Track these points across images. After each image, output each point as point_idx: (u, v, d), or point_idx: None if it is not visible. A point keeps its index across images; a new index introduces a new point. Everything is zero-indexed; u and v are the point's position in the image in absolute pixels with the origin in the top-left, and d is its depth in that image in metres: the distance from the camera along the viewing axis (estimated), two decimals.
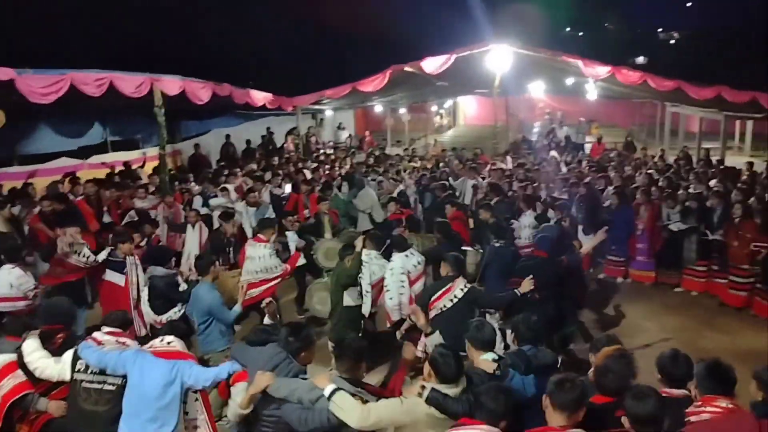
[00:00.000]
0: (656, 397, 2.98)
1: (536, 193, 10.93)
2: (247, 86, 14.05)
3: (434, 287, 5.90)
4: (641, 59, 36.22)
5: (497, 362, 3.92)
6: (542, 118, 27.66)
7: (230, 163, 14.73)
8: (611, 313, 8.76)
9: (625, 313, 8.75)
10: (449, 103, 31.46)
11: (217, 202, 10.20)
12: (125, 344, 4.40)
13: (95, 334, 4.46)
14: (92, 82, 9.03)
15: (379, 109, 24.44)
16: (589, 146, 21.36)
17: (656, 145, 22.46)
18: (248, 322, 7.58)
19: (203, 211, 9.85)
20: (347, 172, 13.20)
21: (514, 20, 24.49)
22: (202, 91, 11.41)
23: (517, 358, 3.96)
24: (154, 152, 13.59)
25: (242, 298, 6.04)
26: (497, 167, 13.55)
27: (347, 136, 22.34)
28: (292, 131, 18.34)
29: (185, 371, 4.09)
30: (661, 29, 44.77)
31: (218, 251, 7.47)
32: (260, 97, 14.18)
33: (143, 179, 12.35)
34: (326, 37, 27.69)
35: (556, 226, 7.94)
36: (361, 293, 6.38)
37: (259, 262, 7.05)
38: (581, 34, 43.05)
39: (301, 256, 7.69)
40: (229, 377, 4.06)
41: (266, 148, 18.58)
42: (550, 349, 4.49)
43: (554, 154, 18.24)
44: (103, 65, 9.65)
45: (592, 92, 20.35)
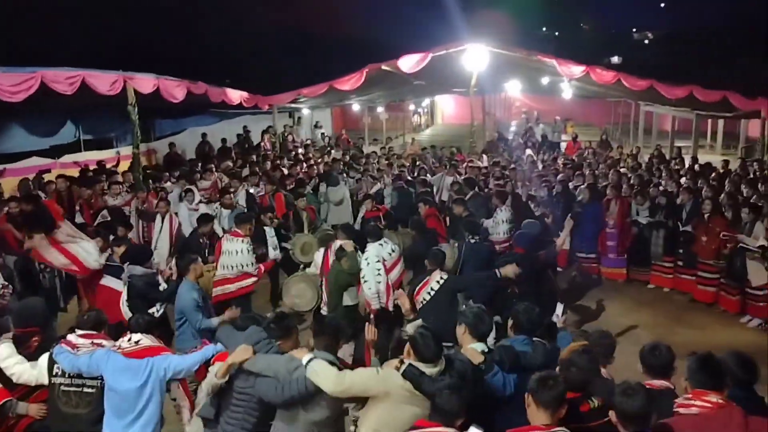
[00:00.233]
0: (645, 393, 2.99)
1: (513, 189, 10.97)
2: (224, 85, 13.91)
3: (415, 282, 6.08)
4: (616, 59, 36.66)
5: (485, 355, 3.88)
6: (519, 117, 27.94)
7: (205, 161, 14.57)
8: (584, 309, 8.82)
9: (598, 309, 8.85)
10: (427, 102, 31.56)
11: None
12: (101, 345, 4.29)
13: (69, 337, 4.35)
14: (64, 80, 8.82)
15: (356, 107, 24.41)
16: (564, 144, 21.63)
17: (631, 143, 22.80)
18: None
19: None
20: (324, 170, 13.14)
21: (490, 20, 24.70)
22: (176, 89, 11.26)
23: (504, 354, 3.91)
24: (128, 151, 13.38)
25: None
26: (474, 165, 13.61)
27: (321, 134, 22.22)
28: (268, 130, 18.23)
29: (160, 366, 4.08)
30: (635, 29, 45.38)
31: (194, 252, 7.38)
32: (236, 95, 14.05)
33: (117, 178, 12.13)
34: (303, 36, 27.57)
35: (539, 222, 8.06)
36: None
37: (235, 256, 6.99)
38: (557, 33, 43.45)
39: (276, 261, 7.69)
40: (211, 358, 4.11)
41: (242, 146, 18.45)
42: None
43: (529, 152, 18.42)
44: (75, 63, 9.46)
45: (567, 91, 20.54)
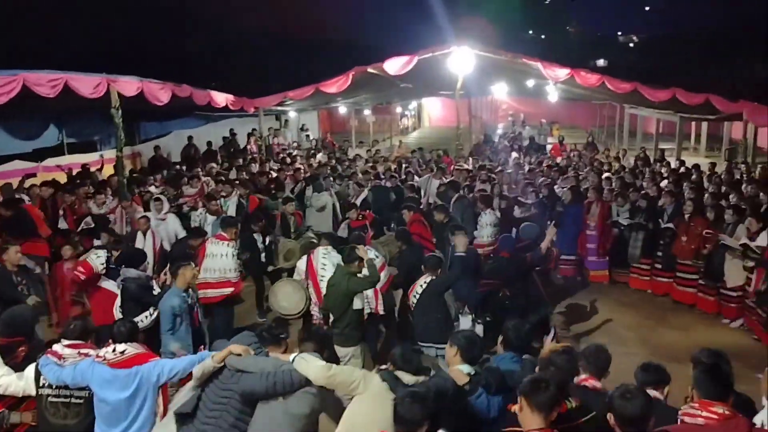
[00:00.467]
0: (644, 396, 2.99)
1: (500, 192, 11.00)
2: (210, 88, 13.84)
3: (406, 288, 6.47)
4: (602, 62, 37.00)
5: (471, 377, 3.86)
6: (505, 119, 28.07)
7: (191, 164, 14.49)
8: (568, 311, 8.82)
9: (581, 311, 8.86)
10: (414, 104, 31.62)
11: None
12: (88, 355, 4.20)
13: (55, 347, 4.24)
14: (46, 82, 8.73)
15: (343, 110, 24.41)
16: (550, 147, 21.75)
17: (616, 146, 22.97)
18: None
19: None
20: (310, 174, 13.07)
21: (477, 24, 24.81)
22: (160, 92, 11.18)
23: (491, 377, 3.87)
24: (112, 154, 13.27)
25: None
26: (463, 168, 13.63)
27: (306, 137, 22.16)
28: (253, 132, 18.17)
29: (152, 372, 4.05)
30: (620, 33, 45.78)
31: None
32: (221, 98, 13.99)
33: (102, 180, 12.04)
34: (290, 40, 27.54)
35: (537, 225, 8.24)
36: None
37: (219, 259, 6.99)
38: (543, 36, 43.72)
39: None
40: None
41: (228, 149, 18.38)
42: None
43: (516, 155, 18.50)
44: (60, 66, 9.39)
45: (553, 94, 20.69)
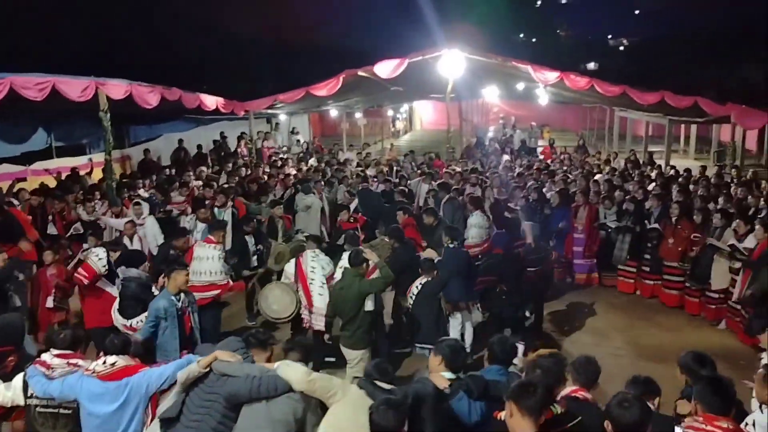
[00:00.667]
0: (641, 405, 2.97)
1: (492, 195, 11.04)
2: (202, 91, 13.77)
3: (398, 288, 6.60)
4: (592, 65, 37.17)
5: (452, 381, 3.85)
6: (496, 122, 28.15)
7: (181, 168, 14.42)
8: (557, 314, 8.83)
9: (570, 313, 8.89)
10: (406, 107, 31.65)
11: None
12: (77, 366, 4.16)
13: (44, 356, 4.20)
14: (33, 86, 8.72)
15: (334, 113, 24.38)
16: (541, 150, 21.83)
17: (606, 148, 23.08)
18: None
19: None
20: (301, 179, 12.98)
21: (468, 27, 24.88)
22: (149, 95, 11.11)
23: (473, 383, 3.83)
24: (101, 158, 13.17)
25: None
26: (455, 171, 13.64)
27: (296, 141, 22.06)
28: (242, 135, 18.12)
29: (141, 383, 4.01)
30: (610, 36, 45.99)
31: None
32: (211, 101, 13.93)
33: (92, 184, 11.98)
34: (281, 43, 27.51)
35: (537, 224, 8.49)
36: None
37: (206, 262, 6.99)
38: (534, 40, 43.90)
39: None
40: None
41: (219, 153, 18.31)
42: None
43: (507, 158, 18.55)
44: (50, 69, 9.32)
45: (543, 97, 20.76)
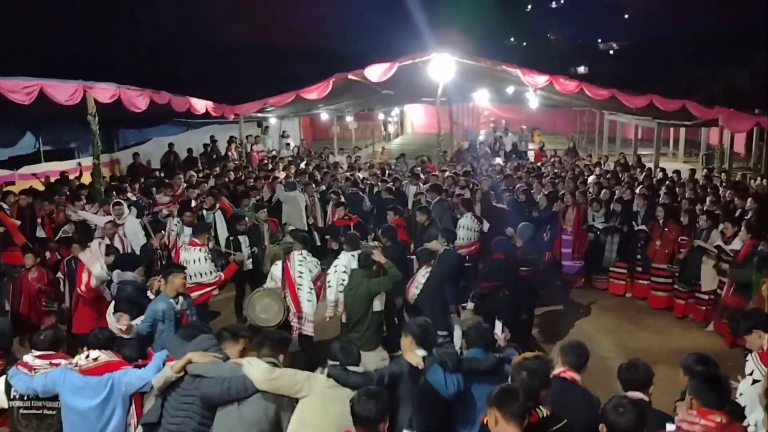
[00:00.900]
0: (636, 409, 3.00)
1: (480, 197, 11.04)
2: (194, 95, 13.72)
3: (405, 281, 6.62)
4: (582, 69, 37.34)
5: (425, 358, 4.01)
6: (487, 126, 28.23)
7: (170, 171, 14.35)
8: (546, 315, 8.82)
9: (558, 315, 8.89)
10: (397, 111, 31.68)
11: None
12: (60, 366, 4.15)
13: (25, 358, 4.22)
14: (20, 89, 8.63)
15: (325, 117, 24.37)
16: (532, 153, 21.90)
17: (596, 151, 23.19)
18: None
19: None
20: (287, 182, 12.87)
21: (459, 31, 24.96)
22: (138, 98, 11.05)
23: (445, 355, 4.02)
24: (90, 162, 13.14)
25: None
26: (447, 174, 13.64)
27: (286, 144, 22.02)
28: (232, 139, 18.09)
29: (121, 381, 4.01)
30: (600, 40, 46.24)
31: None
32: (201, 104, 13.89)
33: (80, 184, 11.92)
34: (271, 47, 27.50)
35: (531, 225, 8.47)
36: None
37: (193, 266, 6.99)
38: (525, 44, 44.08)
39: (238, 267, 7.66)
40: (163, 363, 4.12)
41: (209, 156, 18.26)
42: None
43: (499, 161, 18.60)
44: (37, 73, 9.25)
45: (533, 101, 20.84)
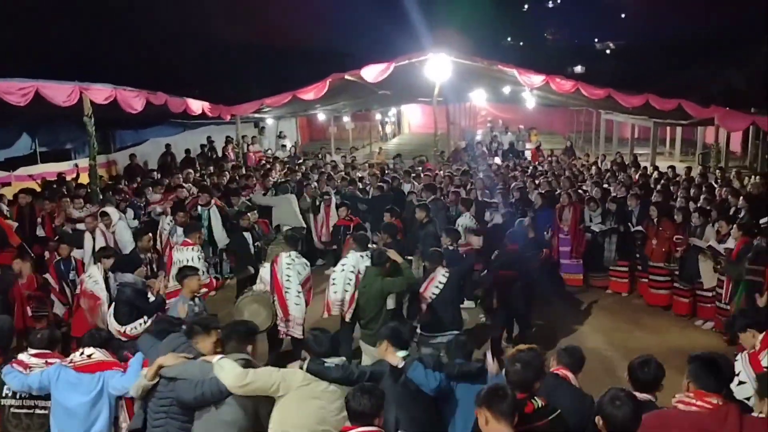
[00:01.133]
0: (633, 403, 2.99)
1: (476, 196, 11.08)
2: (192, 96, 13.69)
3: (420, 281, 6.67)
4: (579, 68, 37.35)
5: (405, 358, 4.07)
6: (484, 126, 28.22)
7: (167, 172, 14.35)
8: (543, 315, 8.79)
9: (555, 315, 8.89)
10: (394, 111, 31.67)
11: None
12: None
13: (21, 356, 4.22)
14: (16, 90, 8.63)
15: (322, 117, 24.35)
16: (529, 153, 21.95)
17: (593, 151, 23.21)
18: None
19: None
20: (280, 183, 12.88)
21: (456, 31, 24.93)
22: (134, 99, 11.02)
23: (425, 357, 4.16)
24: (86, 163, 13.12)
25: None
26: (441, 173, 13.66)
27: (282, 145, 22.00)
28: (230, 140, 18.09)
29: (109, 382, 4.03)
30: (597, 40, 46.25)
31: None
32: (198, 105, 13.85)
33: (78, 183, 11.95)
34: (268, 48, 27.41)
35: (530, 220, 8.66)
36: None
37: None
38: (522, 44, 44.06)
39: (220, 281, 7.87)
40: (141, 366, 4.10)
41: (207, 157, 18.26)
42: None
43: (497, 160, 18.62)
44: (32, 74, 9.24)
45: (530, 100, 20.85)
